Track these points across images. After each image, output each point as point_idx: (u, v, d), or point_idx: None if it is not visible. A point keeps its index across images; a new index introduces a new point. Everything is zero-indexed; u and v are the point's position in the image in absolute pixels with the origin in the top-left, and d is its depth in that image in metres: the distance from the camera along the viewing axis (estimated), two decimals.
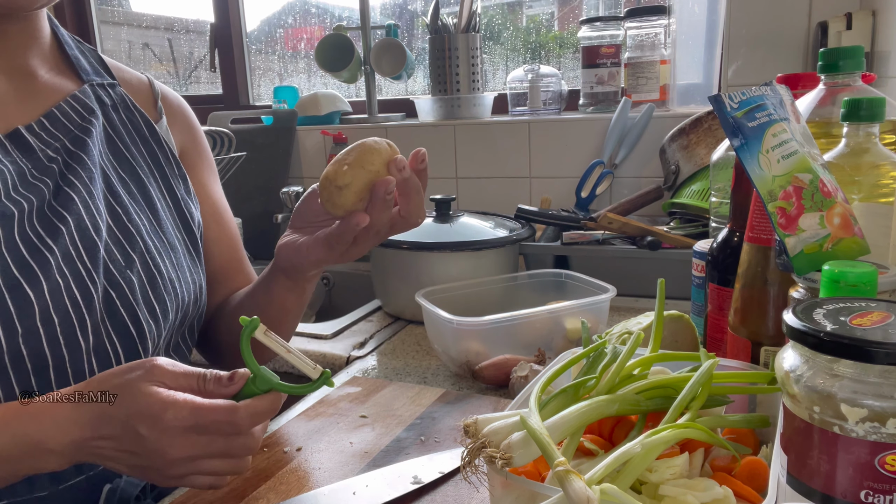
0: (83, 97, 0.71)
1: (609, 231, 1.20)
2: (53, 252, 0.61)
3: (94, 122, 0.70)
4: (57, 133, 0.67)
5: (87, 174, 0.67)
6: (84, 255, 0.63)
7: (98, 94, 0.73)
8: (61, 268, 0.61)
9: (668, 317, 0.77)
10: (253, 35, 2.11)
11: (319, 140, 1.77)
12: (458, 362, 0.89)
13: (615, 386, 0.52)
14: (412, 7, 1.92)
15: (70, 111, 0.69)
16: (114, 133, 0.73)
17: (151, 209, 0.72)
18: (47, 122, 0.67)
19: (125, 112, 0.75)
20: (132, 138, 0.75)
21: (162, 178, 0.76)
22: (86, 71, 0.74)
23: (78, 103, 0.70)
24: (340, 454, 0.71)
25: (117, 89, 0.76)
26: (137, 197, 0.72)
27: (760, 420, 0.53)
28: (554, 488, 0.42)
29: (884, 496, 0.37)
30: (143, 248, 0.69)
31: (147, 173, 0.74)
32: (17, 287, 0.58)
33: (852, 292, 0.45)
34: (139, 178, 0.73)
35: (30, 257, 0.60)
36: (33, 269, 0.60)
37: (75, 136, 0.68)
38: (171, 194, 0.76)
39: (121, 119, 0.74)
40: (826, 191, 0.56)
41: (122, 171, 0.72)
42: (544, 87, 1.61)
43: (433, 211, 1.19)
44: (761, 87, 0.58)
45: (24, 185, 0.63)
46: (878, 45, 1.18)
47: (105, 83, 0.75)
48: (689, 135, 1.28)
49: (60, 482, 0.62)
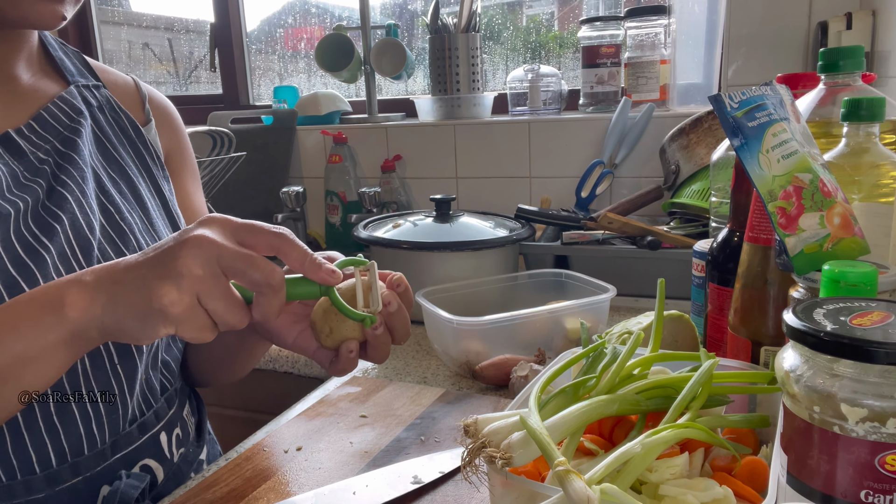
0: (70, 98, 0.71)
1: (609, 231, 1.20)
2: (49, 251, 0.61)
3: (83, 122, 0.70)
4: (46, 135, 0.67)
5: (79, 174, 0.67)
6: (79, 253, 0.63)
7: (84, 94, 0.73)
8: (57, 266, 0.61)
9: (668, 317, 0.77)
10: (253, 35, 2.11)
11: (319, 140, 1.77)
12: (458, 362, 0.89)
13: (615, 386, 0.52)
14: (412, 7, 1.92)
15: (58, 112, 0.69)
16: (101, 134, 0.73)
17: (142, 207, 0.72)
18: (36, 125, 0.67)
19: (111, 113, 0.75)
20: (119, 139, 0.74)
21: (150, 178, 0.76)
22: (70, 72, 0.74)
23: (65, 104, 0.70)
24: (340, 454, 0.71)
25: (102, 91, 0.75)
26: (128, 196, 0.72)
27: (760, 420, 0.53)
28: (554, 488, 0.42)
29: (884, 496, 0.37)
30: (136, 246, 0.68)
31: (136, 173, 0.74)
32: (15, 285, 0.58)
33: (852, 292, 0.45)
34: (129, 178, 0.73)
35: (26, 256, 0.60)
36: (30, 268, 0.60)
37: (65, 136, 0.68)
38: (159, 194, 0.76)
39: (107, 120, 0.74)
40: (826, 191, 0.56)
41: (111, 170, 0.72)
42: (544, 87, 1.61)
43: (433, 211, 1.19)
44: (761, 87, 0.58)
45: (17, 187, 0.63)
46: (878, 44, 1.18)
47: (90, 84, 0.74)
48: (689, 135, 1.28)
49: (57, 483, 0.62)
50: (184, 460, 0.74)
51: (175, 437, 0.73)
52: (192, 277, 0.49)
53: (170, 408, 0.73)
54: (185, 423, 0.77)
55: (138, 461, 0.68)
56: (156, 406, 0.71)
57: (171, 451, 0.72)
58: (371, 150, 1.72)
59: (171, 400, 0.74)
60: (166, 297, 0.49)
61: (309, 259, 0.54)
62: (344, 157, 1.71)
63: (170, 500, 0.65)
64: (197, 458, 0.77)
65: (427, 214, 1.21)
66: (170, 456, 0.72)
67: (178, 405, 0.76)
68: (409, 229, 1.15)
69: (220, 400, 1.19)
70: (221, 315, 0.51)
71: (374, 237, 1.13)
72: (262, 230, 0.53)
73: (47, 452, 0.61)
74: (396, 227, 1.17)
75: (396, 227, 1.16)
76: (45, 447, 0.61)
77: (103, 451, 0.64)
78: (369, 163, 1.73)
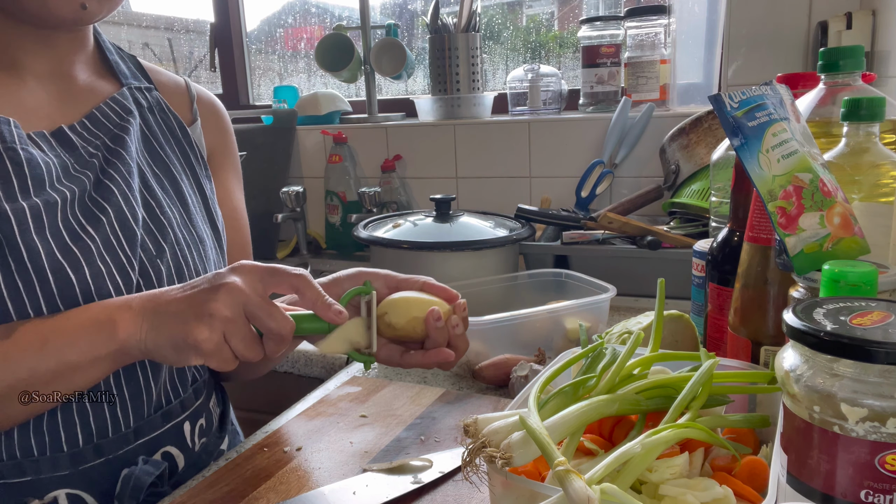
0: (122, 99, 0.75)
1: (609, 231, 1.20)
2: (94, 240, 0.65)
3: (132, 121, 0.74)
4: (97, 132, 0.71)
5: (126, 168, 0.70)
6: (124, 242, 0.67)
7: (136, 96, 0.77)
8: (102, 255, 0.65)
9: (668, 317, 0.77)
10: (253, 35, 2.11)
11: (319, 140, 1.77)
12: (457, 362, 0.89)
13: (615, 386, 0.52)
14: (412, 7, 1.92)
15: (109, 112, 0.73)
16: (149, 133, 0.76)
17: (182, 203, 0.76)
18: (88, 122, 0.71)
19: (160, 114, 0.79)
20: (166, 138, 0.78)
21: (193, 176, 0.79)
22: (125, 75, 0.78)
23: (117, 104, 0.74)
24: (340, 454, 0.71)
25: (153, 93, 0.79)
26: (170, 191, 0.75)
27: (760, 420, 0.53)
28: (554, 488, 0.42)
29: (884, 496, 0.37)
30: (174, 240, 0.72)
31: (179, 171, 0.78)
32: (60, 270, 0.62)
33: (852, 292, 0.45)
34: (172, 175, 0.76)
35: (72, 243, 0.64)
36: (76, 255, 0.63)
37: (115, 134, 0.72)
38: (200, 192, 0.79)
39: (156, 120, 0.78)
40: (826, 190, 0.56)
41: (156, 167, 0.75)
42: (544, 87, 1.61)
43: (433, 211, 1.19)
44: (761, 87, 0.58)
45: (66, 178, 0.66)
46: (878, 44, 1.18)
47: (142, 87, 0.78)
48: (689, 134, 1.27)
49: (80, 463, 0.65)
50: (205, 450, 0.77)
51: (199, 427, 0.76)
52: (222, 319, 0.57)
53: (197, 398, 0.76)
54: (211, 413, 0.80)
55: (160, 448, 0.71)
56: (183, 396, 0.74)
57: (193, 440, 0.75)
58: (371, 150, 1.72)
59: (199, 391, 0.77)
60: (199, 335, 0.57)
61: (321, 300, 0.61)
62: (344, 156, 1.71)
63: (170, 500, 0.65)
64: (218, 447, 0.80)
65: (427, 214, 1.21)
66: (191, 445, 0.75)
67: (206, 396, 0.79)
68: (409, 229, 1.15)
69: None
70: (242, 352, 0.58)
71: (374, 237, 1.13)
72: (283, 273, 0.61)
73: (76, 432, 0.65)
74: (396, 227, 1.17)
75: (396, 227, 1.16)
76: (75, 427, 0.65)
77: (126, 436, 0.68)
78: (369, 163, 1.73)
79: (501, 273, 1.11)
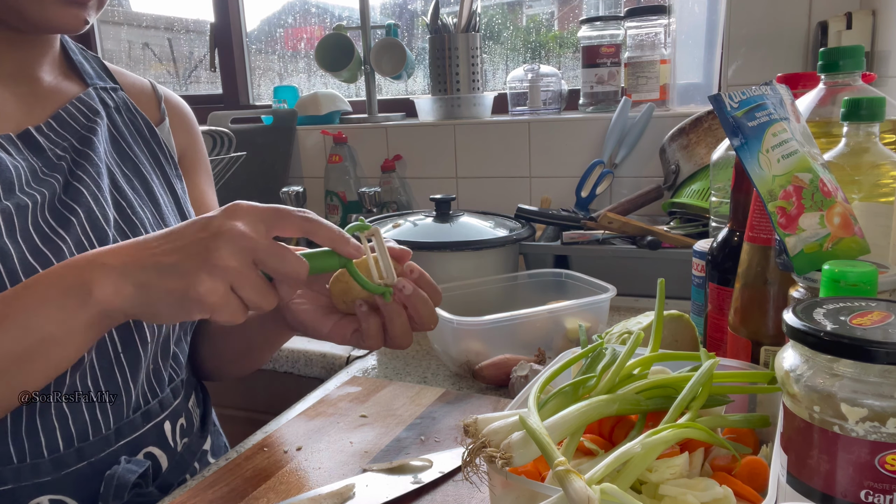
0: (88, 99, 0.74)
1: (609, 231, 1.20)
2: (66, 241, 0.64)
3: (100, 122, 0.73)
4: (64, 133, 0.70)
5: (95, 170, 0.69)
6: (96, 244, 0.66)
7: (102, 96, 0.76)
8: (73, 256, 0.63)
9: (668, 317, 0.77)
10: (253, 35, 2.11)
11: (319, 140, 1.77)
12: (458, 362, 0.89)
13: (615, 386, 0.52)
14: (412, 7, 1.92)
15: (76, 112, 0.72)
16: (117, 133, 0.75)
17: (154, 203, 0.75)
18: (55, 123, 0.70)
19: (127, 114, 0.78)
20: (134, 138, 0.77)
21: (163, 175, 0.78)
22: (90, 75, 0.77)
23: (83, 105, 0.73)
24: (340, 454, 0.71)
25: (119, 93, 0.78)
26: (141, 192, 0.74)
27: (760, 420, 0.53)
28: (554, 488, 0.42)
29: (884, 496, 0.37)
30: None
31: (149, 170, 0.77)
32: (32, 272, 0.60)
33: (852, 292, 0.45)
34: (142, 175, 0.75)
35: (43, 246, 0.62)
36: (47, 257, 0.62)
37: (82, 135, 0.71)
38: (171, 191, 0.78)
39: (123, 121, 0.77)
40: (826, 190, 0.56)
41: (125, 168, 0.74)
42: (544, 87, 1.61)
43: (433, 211, 1.19)
44: (761, 87, 0.58)
45: (35, 181, 0.65)
46: (878, 44, 1.18)
47: (108, 87, 0.78)
48: (689, 134, 1.27)
49: (63, 468, 0.63)
50: (187, 450, 0.76)
51: (179, 427, 0.75)
52: (228, 269, 0.52)
53: (175, 398, 0.75)
54: (191, 413, 0.78)
55: (142, 448, 0.70)
56: (161, 395, 0.73)
57: (174, 440, 0.74)
58: (371, 150, 1.72)
59: (177, 391, 0.76)
60: (203, 287, 0.52)
61: (341, 236, 0.58)
62: (344, 156, 1.71)
63: (170, 500, 0.65)
64: (200, 448, 0.79)
65: (427, 214, 1.21)
66: (173, 445, 0.74)
67: (184, 396, 0.78)
68: (409, 229, 1.15)
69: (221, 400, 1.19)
70: (254, 301, 0.54)
71: None
72: (290, 216, 0.56)
73: (56, 437, 0.63)
74: (396, 227, 1.17)
75: (396, 227, 1.16)
76: (55, 431, 0.63)
77: (107, 438, 0.66)
78: (369, 163, 1.73)
79: (501, 273, 1.11)
